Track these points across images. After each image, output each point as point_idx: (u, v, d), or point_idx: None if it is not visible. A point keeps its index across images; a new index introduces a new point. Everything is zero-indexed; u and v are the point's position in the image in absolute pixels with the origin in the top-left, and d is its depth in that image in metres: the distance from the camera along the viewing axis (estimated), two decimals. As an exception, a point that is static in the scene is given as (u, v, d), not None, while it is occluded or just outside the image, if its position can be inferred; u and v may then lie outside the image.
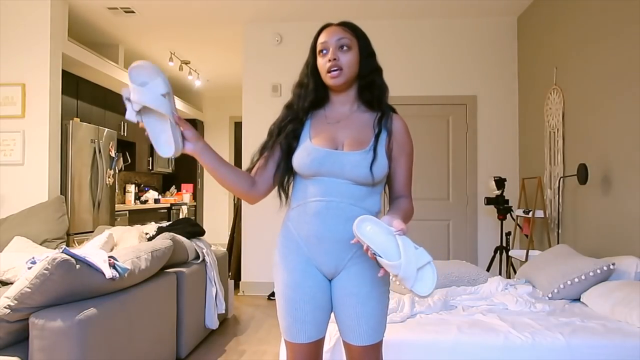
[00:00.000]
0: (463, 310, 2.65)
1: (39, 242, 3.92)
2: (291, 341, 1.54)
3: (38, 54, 4.35)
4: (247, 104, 5.19)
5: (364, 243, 1.33)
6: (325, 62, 1.54)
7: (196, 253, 3.51)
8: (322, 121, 1.59)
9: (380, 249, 1.32)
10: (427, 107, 5.04)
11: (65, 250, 2.03)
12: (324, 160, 1.50)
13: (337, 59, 1.52)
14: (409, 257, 1.31)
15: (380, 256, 1.32)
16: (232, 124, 8.99)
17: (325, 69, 1.54)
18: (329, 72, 1.53)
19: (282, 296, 1.55)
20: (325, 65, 1.54)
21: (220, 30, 5.46)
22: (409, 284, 1.32)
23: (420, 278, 1.32)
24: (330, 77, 1.53)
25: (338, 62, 1.52)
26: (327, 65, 1.53)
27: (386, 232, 1.35)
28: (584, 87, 3.66)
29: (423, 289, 1.32)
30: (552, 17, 4.18)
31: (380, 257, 1.32)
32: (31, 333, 1.94)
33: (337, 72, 1.52)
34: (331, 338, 2.20)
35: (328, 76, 1.54)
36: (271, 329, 3.83)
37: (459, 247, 4.98)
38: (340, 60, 1.53)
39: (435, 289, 1.33)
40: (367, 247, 1.33)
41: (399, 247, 1.32)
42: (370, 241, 1.33)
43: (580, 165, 3.50)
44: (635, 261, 2.82)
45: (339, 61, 1.52)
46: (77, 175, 4.93)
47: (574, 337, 2.20)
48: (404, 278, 1.31)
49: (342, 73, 1.53)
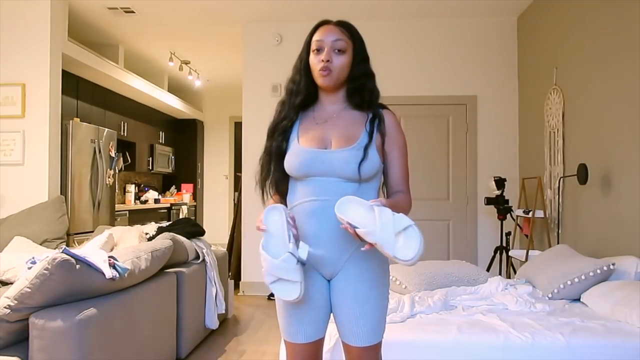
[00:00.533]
0: (463, 310, 2.65)
1: (39, 242, 3.92)
2: (290, 341, 1.55)
3: (38, 54, 4.34)
4: (247, 104, 5.19)
5: (343, 220, 1.34)
6: (318, 61, 1.54)
7: (196, 253, 3.51)
8: (311, 122, 1.60)
9: (357, 221, 1.32)
10: (427, 107, 5.04)
11: (65, 250, 2.03)
12: (312, 161, 1.50)
13: (330, 60, 1.53)
14: (383, 222, 1.28)
15: (357, 227, 1.31)
16: (232, 124, 8.98)
17: (317, 68, 1.54)
18: (320, 70, 1.54)
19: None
20: (318, 65, 1.54)
21: (220, 30, 5.46)
22: (390, 250, 1.28)
23: (401, 244, 1.28)
24: (321, 76, 1.54)
25: (330, 64, 1.53)
26: (319, 65, 1.54)
27: (366, 207, 1.35)
28: (584, 87, 3.66)
29: (405, 253, 1.27)
30: (552, 17, 4.18)
31: (357, 228, 1.31)
32: (31, 333, 1.94)
33: (327, 72, 1.53)
34: (331, 338, 2.20)
35: (319, 74, 1.54)
36: (271, 329, 3.83)
37: (459, 247, 4.98)
38: (333, 63, 1.53)
39: (420, 253, 1.27)
40: (346, 223, 1.33)
41: (375, 216, 1.30)
42: (348, 216, 1.34)
43: (580, 165, 3.50)
44: (635, 261, 2.82)
45: (332, 63, 1.53)
46: (77, 175, 4.93)
47: (574, 337, 2.20)
48: (383, 244, 1.28)
49: (331, 75, 1.54)
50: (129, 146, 6.96)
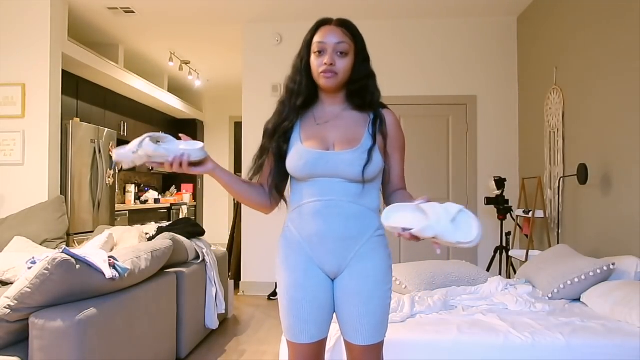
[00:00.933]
0: (463, 310, 2.65)
1: (39, 242, 3.92)
2: (294, 341, 1.54)
3: (38, 54, 4.34)
4: (247, 104, 5.19)
5: (396, 229, 1.32)
6: (321, 63, 1.52)
7: (196, 253, 3.51)
8: (311, 122, 1.58)
9: (408, 223, 1.32)
10: (427, 107, 5.04)
11: (65, 250, 2.03)
12: (317, 162, 1.49)
13: (334, 64, 1.51)
14: (437, 214, 1.29)
15: (412, 228, 1.30)
16: (232, 124, 8.99)
17: (319, 71, 1.52)
18: (322, 73, 1.52)
19: (285, 296, 1.55)
20: (320, 68, 1.52)
21: (220, 30, 5.46)
22: (451, 238, 1.29)
23: (458, 228, 1.29)
24: (324, 78, 1.52)
25: (334, 67, 1.51)
26: (321, 67, 1.52)
27: (410, 209, 1.35)
28: (584, 87, 3.66)
29: (467, 236, 1.29)
30: (552, 17, 4.19)
31: (414, 230, 1.30)
32: (31, 333, 1.94)
33: (332, 75, 1.51)
34: (331, 338, 2.20)
35: (321, 76, 1.52)
36: (271, 329, 3.83)
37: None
38: (336, 66, 1.51)
39: (481, 230, 1.29)
40: (400, 230, 1.32)
41: (425, 212, 1.31)
42: (397, 223, 1.33)
43: (580, 165, 3.50)
44: (635, 261, 2.82)
45: (336, 66, 1.51)
46: (77, 175, 4.92)
47: (574, 337, 2.20)
48: (442, 234, 1.29)
49: (336, 77, 1.52)
50: (129, 146, 6.95)
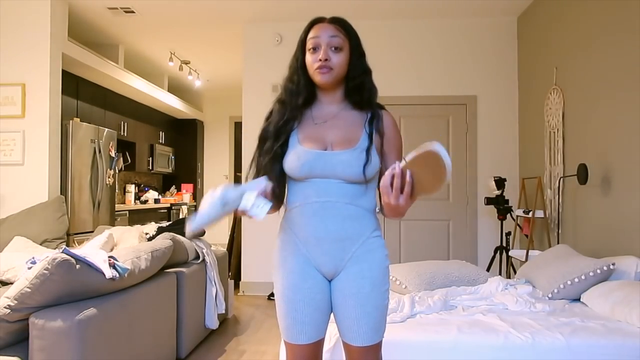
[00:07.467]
0: (463, 310, 2.65)
1: (39, 242, 3.92)
2: (291, 342, 1.54)
3: (38, 54, 4.35)
4: (247, 104, 5.19)
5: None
6: (315, 60, 1.51)
7: (196, 253, 3.51)
8: (310, 122, 1.58)
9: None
10: (427, 107, 5.04)
11: (65, 250, 2.03)
12: (315, 163, 1.49)
13: (328, 59, 1.50)
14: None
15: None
16: (232, 123, 8.99)
17: (314, 67, 1.52)
18: (318, 69, 1.51)
19: (282, 298, 1.55)
20: (315, 64, 1.51)
21: (220, 30, 5.46)
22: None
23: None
24: (320, 74, 1.51)
25: (329, 62, 1.50)
26: (316, 64, 1.51)
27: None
28: (584, 87, 3.66)
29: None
30: (552, 17, 4.18)
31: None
32: (31, 333, 1.94)
33: (327, 70, 1.50)
34: (331, 338, 2.20)
35: (317, 72, 1.52)
36: (271, 329, 3.83)
37: (459, 247, 4.98)
38: (331, 61, 1.51)
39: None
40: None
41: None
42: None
43: (580, 165, 3.50)
44: (635, 261, 2.82)
45: (330, 61, 1.50)
46: (77, 175, 4.92)
47: (574, 337, 2.20)
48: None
49: (332, 72, 1.51)
50: (129, 146, 6.96)
